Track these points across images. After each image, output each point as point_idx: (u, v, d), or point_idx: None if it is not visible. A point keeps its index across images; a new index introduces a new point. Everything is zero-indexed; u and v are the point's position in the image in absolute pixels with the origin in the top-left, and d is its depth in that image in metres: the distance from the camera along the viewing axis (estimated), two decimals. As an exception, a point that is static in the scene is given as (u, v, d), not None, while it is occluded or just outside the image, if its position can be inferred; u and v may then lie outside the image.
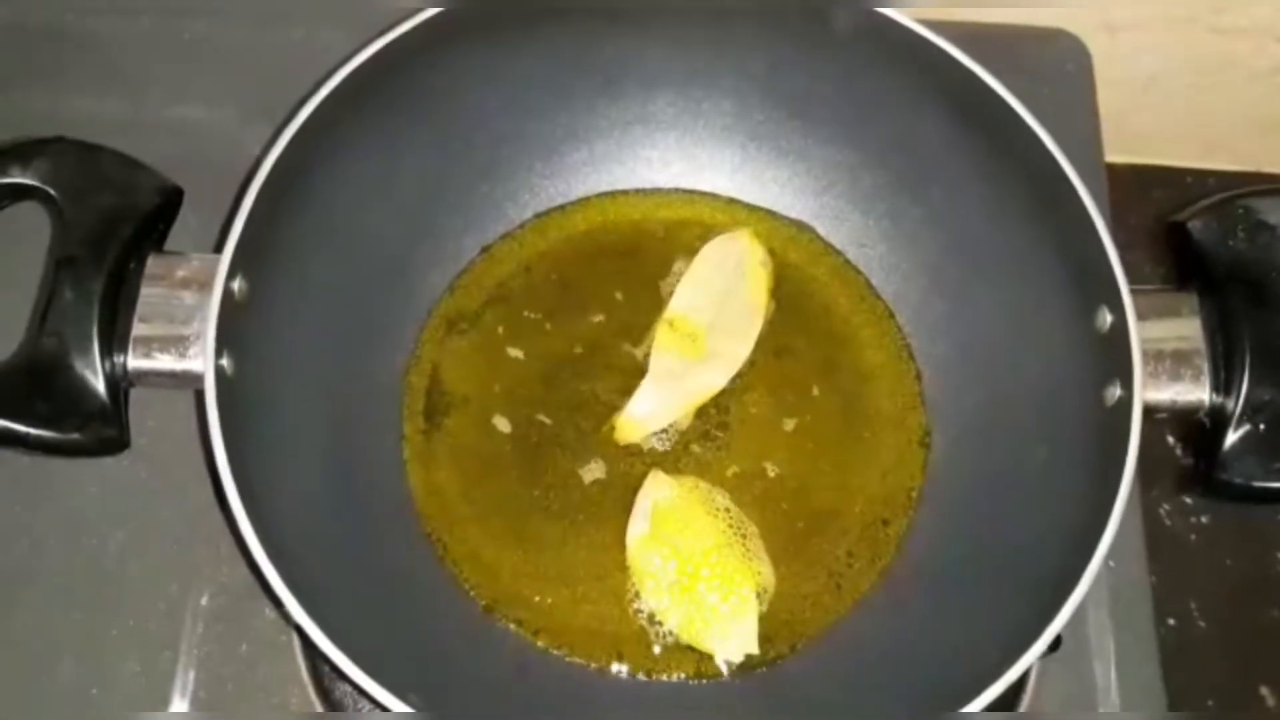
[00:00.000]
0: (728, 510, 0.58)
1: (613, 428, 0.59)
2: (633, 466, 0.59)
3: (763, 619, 0.56)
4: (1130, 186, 0.82)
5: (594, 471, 0.59)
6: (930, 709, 0.48)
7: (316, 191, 0.54)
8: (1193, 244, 0.51)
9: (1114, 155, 0.70)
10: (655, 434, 0.59)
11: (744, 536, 0.57)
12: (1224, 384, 0.50)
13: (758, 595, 0.56)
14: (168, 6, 0.70)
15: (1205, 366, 0.50)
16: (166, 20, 0.70)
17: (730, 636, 0.55)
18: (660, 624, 0.56)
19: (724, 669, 0.55)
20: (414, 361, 0.61)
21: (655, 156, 0.64)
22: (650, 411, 0.59)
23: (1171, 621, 0.77)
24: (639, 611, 0.56)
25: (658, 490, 0.57)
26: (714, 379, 0.60)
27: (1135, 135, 0.84)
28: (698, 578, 0.55)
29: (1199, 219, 0.52)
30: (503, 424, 0.60)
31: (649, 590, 0.56)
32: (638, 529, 0.57)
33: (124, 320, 0.49)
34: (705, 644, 0.55)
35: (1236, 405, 0.49)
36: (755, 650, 0.55)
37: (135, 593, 0.59)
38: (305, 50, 0.60)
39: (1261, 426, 0.49)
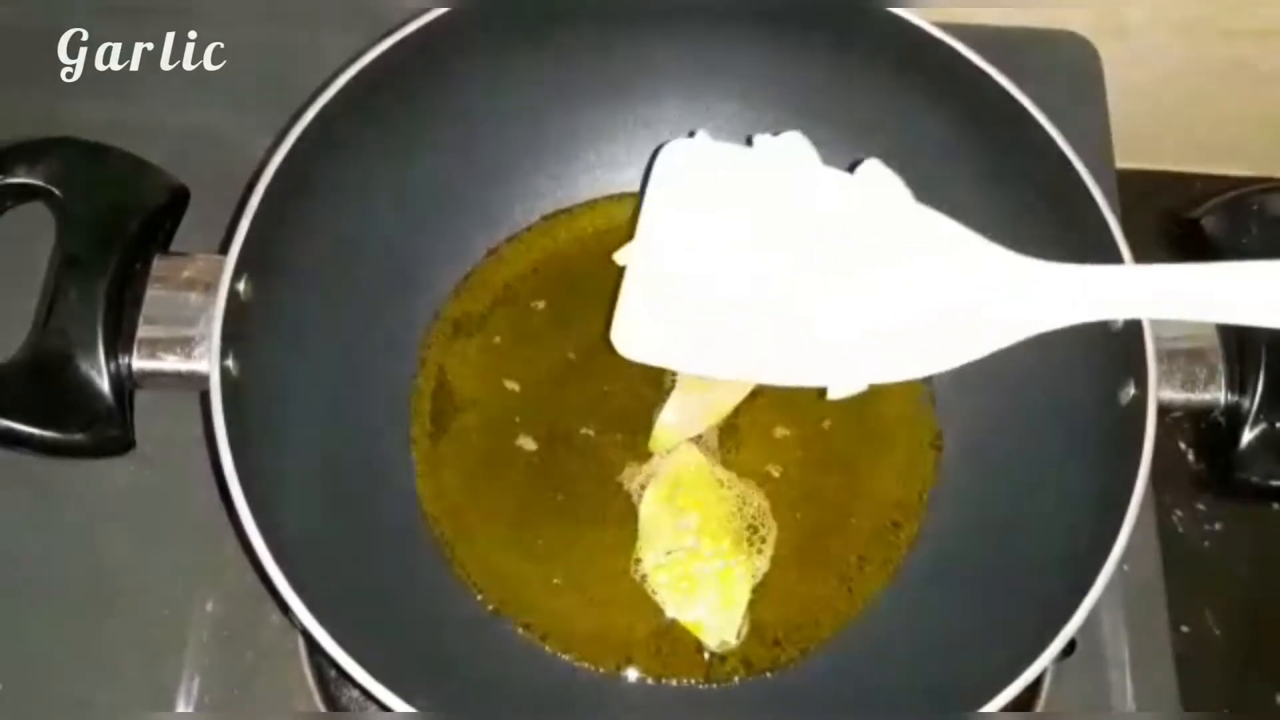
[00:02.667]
0: (756, 506, 0.58)
1: (633, 434, 0.59)
2: (640, 466, 0.58)
3: (773, 623, 0.56)
4: (1140, 192, 0.81)
5: (602, 474, 0.58)
6: (943, 712, 0.47)
7: (322, 192, 0.54)
8: (1206, 240, 0.51)
9: (1123, 160, 0.70)
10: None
11: (758, 533, 0.57)
12: (1239, 382, 0.49)
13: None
14: (172, 9, 0.71)
15: (1220, 365, 0.50)
16: (171, 23, 0.70)
17: (715, 621, 0.55)
18: (651, 587, 0.56)
19: (705, 656, 0.55)
20: (421, 364, 0.60)
21: (662, 159, 0.64)
22: (684, 419, 0.59)
23: (1185, 629, 0.77)
24: (642, 577, 0.56)
25: (687, 461, 0.58)
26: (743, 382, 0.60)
27: (1145, 140, 0.83)
28: (699, 553, 0.56)
29: (1212, 215, 0.52)
30: (510, 427, 0.59)
31: (648, 556, 0.56)
32: (657, 489, 0.57)
33: (129, 321, 0.49)
34: (689, 621, 0.55)
35: (1252, 404, 0.49)
36: (734, 642, 0.55)
37: (139, 598, 0.59)
38: (311, 52, 0.60)
39: (1278, 424, 0.49)
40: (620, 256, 0.54)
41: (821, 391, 0.53)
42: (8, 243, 0.53)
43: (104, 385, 0.48)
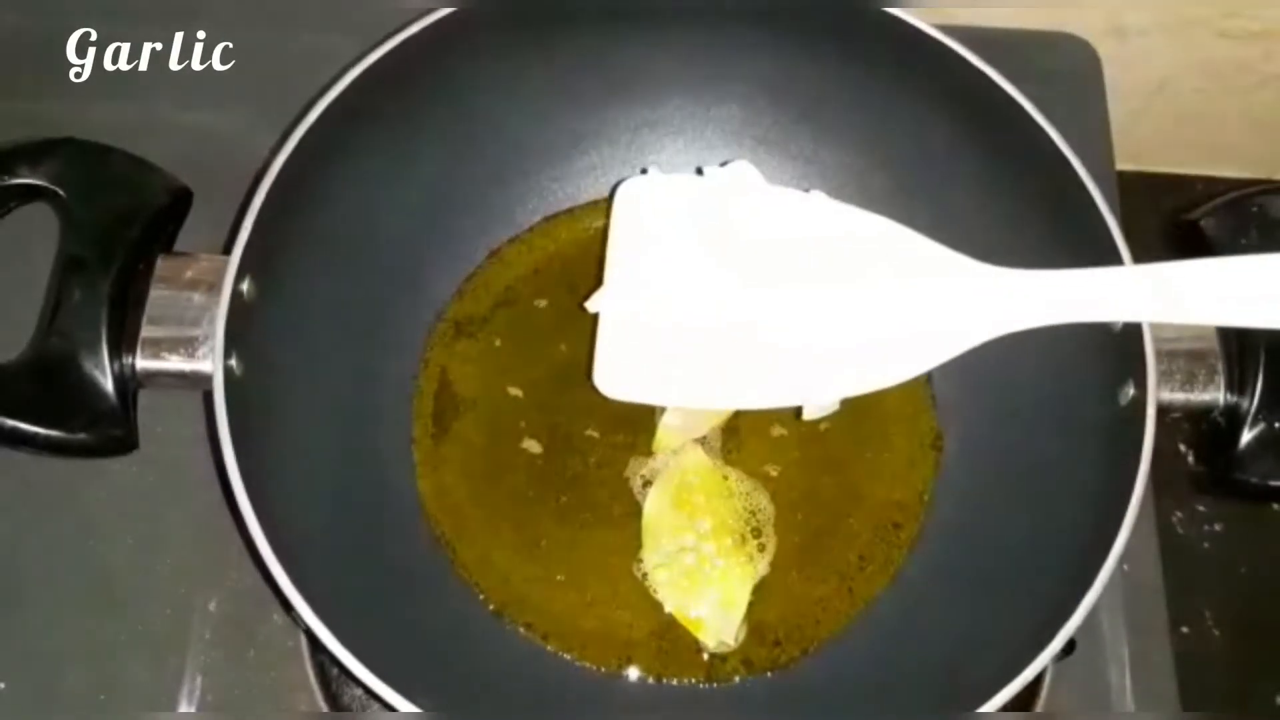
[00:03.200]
0: (758, 506, 0.58)
1: (635, 435, 0.59)
2: (643, 466, 0.59)
3: (773, 623, 0.56)
4: (1139, 195, 0.82)
5: (604, 475, 0.59)
6: (943, 712, 0.47)
7: (325, 193, 0.54)
8: (1206, 242, 0.51)
9: (1123, 163, 0.70)
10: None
11: (759, 534, 0.57)
12: (1238, 383, 0.50)
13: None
14: (181, 9, 0.71)
15: (1219, 365, 0.50)
16: (179, 23, 0.70)
17: (714, 622, 0.56)
18: (652, 585, 0.57)
19: (705, 655, 0.56)
20: (423, 364, 0.60)
21: (664, 161, 0.64)
22: (686, 421, 0.59)
23: (1185, 629, 0.77)
24: (643, 575, 0.57)
25: (692, 461, 0.58)
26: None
27: (1144, 142, 0.84)
28: (701, 552, 0.56)
29: (1211, 217, 0.52)
30: (512, 427, 0.60)
31: (650, 554, 0.57)
32: (660, 488, 0.57)
33: (132, 321, 0.49)
34: (688, 619, 0.56)
35: (1251, 404, 0.49)
36: (733, 643, 0.55)
37: (143, 597, 0.59)
38: (315, 53, 0.60)
39: (1277, 425, 0.49)
40: (592, 304, 0.55)
41: (797, 411, 0.53)
42: (11, 243, 0.53)
43: (107, 385, 0.48)
